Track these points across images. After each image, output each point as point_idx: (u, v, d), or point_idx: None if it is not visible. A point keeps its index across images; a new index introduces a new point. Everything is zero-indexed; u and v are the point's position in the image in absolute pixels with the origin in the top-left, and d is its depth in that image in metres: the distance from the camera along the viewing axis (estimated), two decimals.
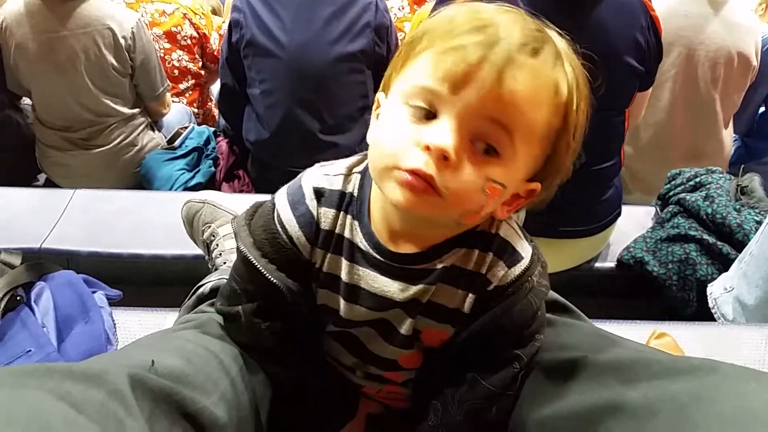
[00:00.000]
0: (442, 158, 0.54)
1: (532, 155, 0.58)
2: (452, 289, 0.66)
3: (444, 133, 0.54)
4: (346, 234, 0.66)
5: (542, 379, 0.69)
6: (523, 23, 0.56)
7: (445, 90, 0.54)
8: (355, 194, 0.66)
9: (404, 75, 0.58)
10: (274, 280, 0.66)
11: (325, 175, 0.67)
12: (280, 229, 0.66)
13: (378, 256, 0.65)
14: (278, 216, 0.67)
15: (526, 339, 0.67)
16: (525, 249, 0.66)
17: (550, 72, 0.55)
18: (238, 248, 0.68)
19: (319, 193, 0.66)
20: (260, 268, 0.66)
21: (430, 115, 0.55)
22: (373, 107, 0.63)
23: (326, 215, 0.66)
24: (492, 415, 0.68)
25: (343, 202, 0.66)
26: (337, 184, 0.66)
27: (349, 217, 0.66)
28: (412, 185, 0.55)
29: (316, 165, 0.69)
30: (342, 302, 0.68)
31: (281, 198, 0.67)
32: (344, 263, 0.66)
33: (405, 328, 0.68)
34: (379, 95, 0.63)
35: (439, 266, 0.64)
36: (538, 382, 0.70)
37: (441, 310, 0.67)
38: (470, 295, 0.65)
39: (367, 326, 0.70)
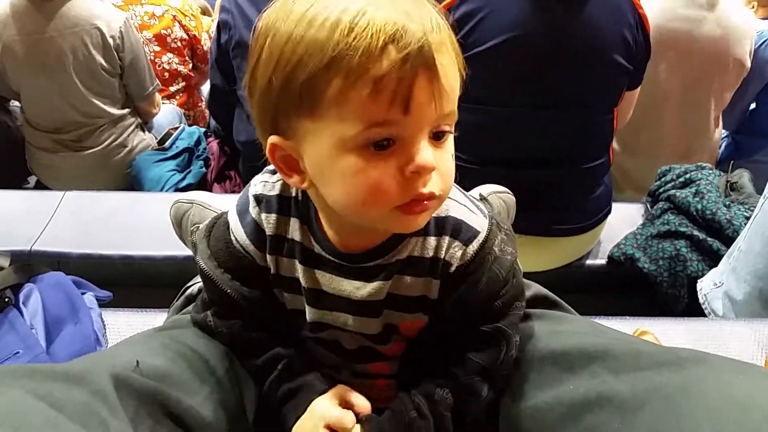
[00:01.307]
0: (429, 172, 0.54)
1: None
2: (414, 279, 0.66)
3: (418, 151, 0.53)
4: (297, 237, 0.66)
5: (531, 369, 0.69)
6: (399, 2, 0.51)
7: (397, 115, 0.51)
8: (300, 197, 0.66)
9: (328, 121, 0.52)
10: (227, 290, 0.68)
11: (263, 182, 0.68)
12: (233, 238, 0.68)
13: (331, 258, 0.65)
14: (230, 226, 0.69)
15: (502, 310, 0.67)
16: (480, 223, 0.66)
17: (445, 28, 0.54)
18: (198, 265, 0.70)
19: (258, 200, 0.67)
20: (214, 278, 0.68)
21: (389, 141, 0.53)
22: (268, 150, 0.58)
23: (268, 220, 0.67)
24: (484, 397, 0.68)
25: (287, 206, 0.67)
26: (275, 189, 0.67)
27: (297, 220, 0.66)
28: (421, 209, 0.56)
29: (262, 171, 0.70)
30: (306, 306, 0.69)
31: (232, 209, 0.70)
32: (299, 267, 0.67)
33: (374, 328, 0.69)
34: (275, 140, 0.56)
35: (394, 260, 0.65)
36: (527, 372, 0.70)
37: (407, 300, 0.67)
38: (434, 281, 0.66)
39: (339, 330, 0.70)
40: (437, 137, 0.55)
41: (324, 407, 0.68)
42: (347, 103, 0.51)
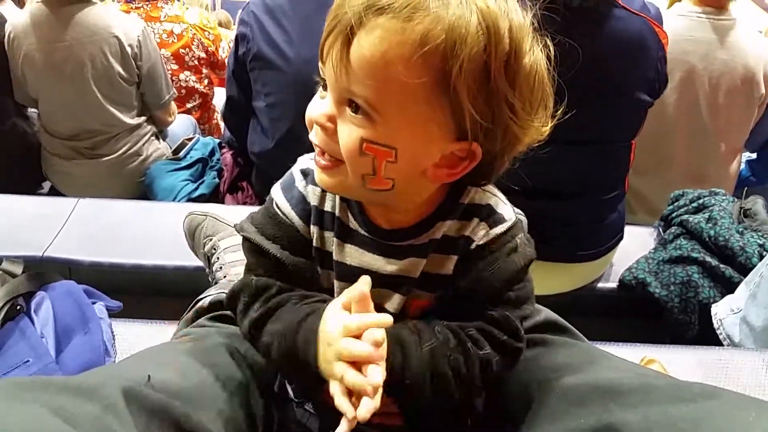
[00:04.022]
0: (322, 127, 0.59)
1: (415, 114, 0.56)
2: (443, 257, 0.68)
3: (319, 104, 0.59)
4: (337, 212, 0.69)
5: (542, 399, 0.69)
6: None
7: (321, 60, 0.58)
8: None
9: None
10: (276, 254, 0.68)
11: (311, 158, 0.70)
12: (277, 210, 0.71)
13: (364, 233, 0.68)
14: (275, 203, 0.71)
15: (514, 302, 0.67)
16: (508, 213, 0.68)
17: (402, 25, 0.52)
18: (243, 240, 0.71)
19: (305, 174, 0.71)
20: (263, 246, 0.69)
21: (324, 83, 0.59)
22: None
23: (313, 192, 0.70)
24: (487, 354, 0.65)
25: None
26: None
27: (338, 197, 0.69)
28: (317, 163, 0.62)
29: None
30: (335, 282, 0.70)
31: (276, 188, 0.72)
32: (334, 241, 0.69)
33: (392, 305, 0.69)
34: None
35: (428, 240, 0.66)
36: (537, 402, 0.69)
37: (434, 279, 0.68)
38: (453, 256, 0.67)
39: None
40: (356, 112, 0.57)
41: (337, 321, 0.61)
42: None
